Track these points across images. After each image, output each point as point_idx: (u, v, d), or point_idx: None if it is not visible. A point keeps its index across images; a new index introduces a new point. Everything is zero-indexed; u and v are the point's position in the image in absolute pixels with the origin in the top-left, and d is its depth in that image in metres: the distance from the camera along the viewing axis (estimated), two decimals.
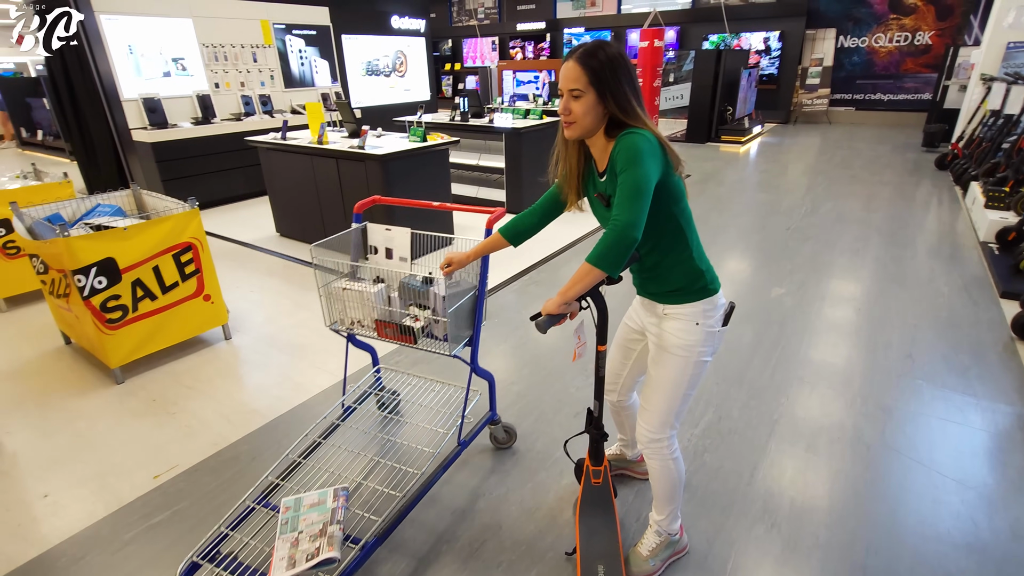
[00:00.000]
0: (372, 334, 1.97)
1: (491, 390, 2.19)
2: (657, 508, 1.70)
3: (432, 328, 1.94)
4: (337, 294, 2.01)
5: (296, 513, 1.62)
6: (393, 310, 1.96)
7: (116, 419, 2.52)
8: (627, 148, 1.29)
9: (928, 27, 10.24)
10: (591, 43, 1.35)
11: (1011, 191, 4.60)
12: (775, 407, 2.50)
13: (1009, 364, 2.80)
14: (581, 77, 1.33)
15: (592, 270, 1.32)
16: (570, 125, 1.38)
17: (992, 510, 1.93)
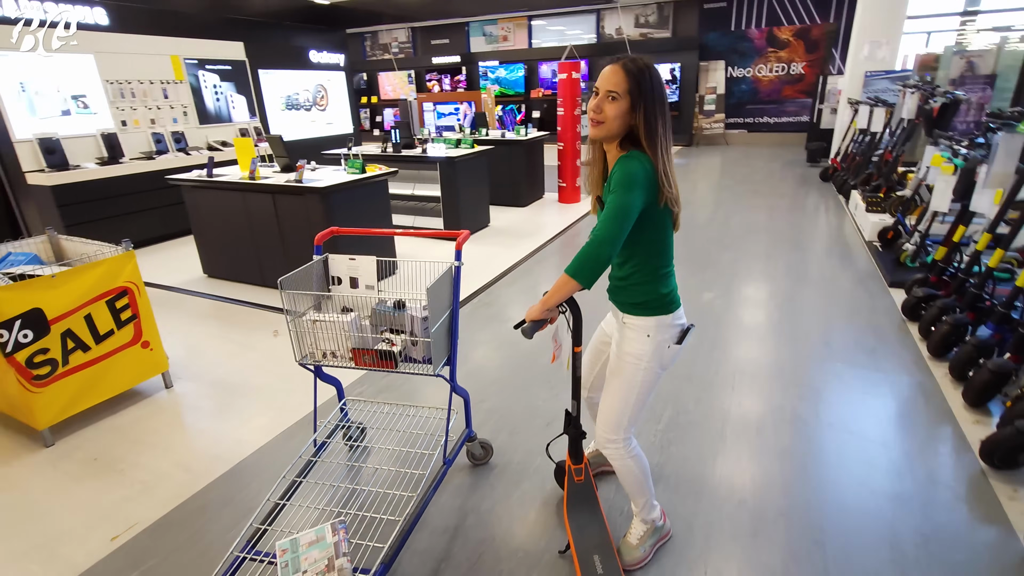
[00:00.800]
0: (348, 364, 1.94)
1: (467, 407, 2.24)
2: (632, 501, 1.83)
3: (409, 351, 1.98)
4: (307, 327, 1.98)
5: (295, 554, 1.58)
6: (368, 336, 1.96)
7: (53, 485, 2.29)
8: (624, 171, 1.40)
9: (800, 59, 11.67)
10: (639, 56, 1.43)
11: (885, 196, 5.35)
12: (725, 399, 2.74)
13: (905, 342, 3.25)
14: (622, 82, 1.39)
15: (569, 281, 1.44)
16: (598, 124, 1.44)
17: (912, 463, 2.24)
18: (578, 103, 6.97)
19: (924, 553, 1.83)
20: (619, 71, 1.40)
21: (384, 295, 2.08)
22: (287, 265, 4.23)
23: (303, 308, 2.01)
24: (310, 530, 1.64)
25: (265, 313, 4.02)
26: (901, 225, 4.68)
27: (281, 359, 3.31)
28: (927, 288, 3.42)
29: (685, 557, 1.84)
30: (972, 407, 2.56)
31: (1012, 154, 2.68)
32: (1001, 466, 2.15)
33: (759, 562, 1.81)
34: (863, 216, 5.41)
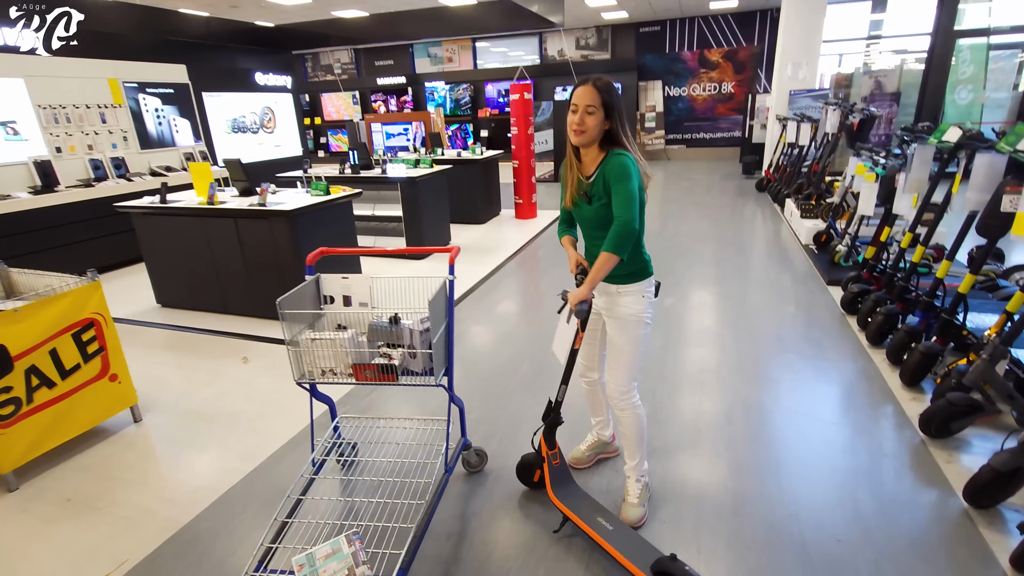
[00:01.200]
0: (348, 380, 1.99)
1: (461, 416, 2.31)
2: (630, 455, 2.06)
3: (408, 364, 2.04)
4: (306, 346, 2.01)
5: (313, 568, 1.59)
6: (366, 351, 2.02)
7: (26, 530, 2.17)
8: (621, 165, 1.76)
9: (730, 79, 12.51)
10: (601, 76, 1.80)
11: (816, 203, 5.84)
12: (695, 394, 2.93)
13: (845, 333, 3.58)
14: (596, 98, 1.75)
15: (612, 258, 1.76)
16: (581, 134, 1.78)
17: (862, 437, 2.50)
18: (530, 122, 7.21)
19: (882, 515, 2.05)
20: (592, 90, 1.76)
21: (378, 311, 2.13)
22: (250, 290, 4.19)
23: (299, 327, 2.03)
24: (324, 544, 1.66)
25: (231, 340, 3.92)
26: (833, 229, 5.14)
27: (254, 386, 3.26)
28: (861, 284, 3.79)
29: (679, 534, 1.97)
30: (908, 386, 2.87)
31: (925, 162, 3.06)
32: (937, 435, 2.43)
33: (743, 535, 1.97)
34: (798, 222, 5.87)
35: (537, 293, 4.76)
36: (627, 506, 2.05)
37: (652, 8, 11.49)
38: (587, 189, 1.87)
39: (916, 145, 3.10)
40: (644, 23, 12.93)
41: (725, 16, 12.29)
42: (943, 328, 2.80)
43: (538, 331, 3.85)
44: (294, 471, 2.44)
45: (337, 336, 1.99)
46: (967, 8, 8.96)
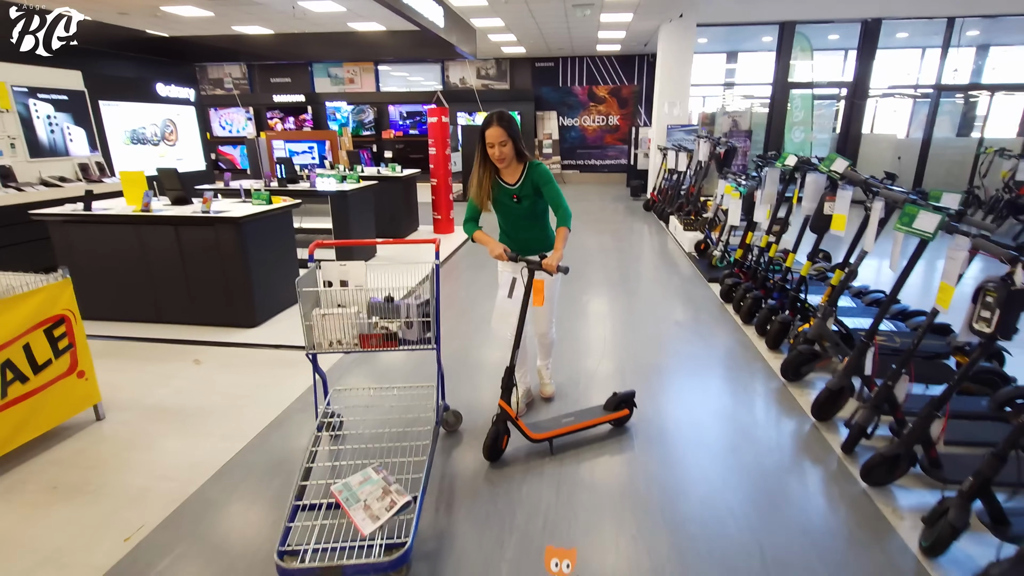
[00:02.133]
0: (354, 348, 2.39)
1: (441, 381, 2.72)
2: (544, 357, 3.01)
3: (404, 334, 2.44)
4: (316, 320, 2.34)
5: (351, 491, 1.94)
6: (365, 322, 2.40)
7: (19, 515, 2.21)
8: (545, 172, 2.56)
9: (615, 112, 14.05)
10: (500, 112, 2.44)
11: (694, 219, 6.98)
12: (611, 360, 3.59)
13: (724, 316, 4.49)
14: (503, 133, 2.44)
15: (567, 231, 2.45)
16: (503, 160, 2.48)
17: (743, 386, 3.30)
18: (447, 144, 7.74)
19: (757, 431, 2.80)
20: (499, 128, 2.43)
21: (373, 293, 2.51)
22: (191, 298, 4.21)
23: (309, 306, 2.35)
24: (356, 475, 2.02)
25: (175, 346, 3.93)
26: (708, 239, 6.22)
27: (214, 383, 3.37)
28: (734, 278, 4.75)
29: (632, 457, 2.56)
30: (771, 349, 3.76)
31: (774, 181, 4.05)
32: (792, 378, 3.29)
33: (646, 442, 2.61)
34: (681, 234, 6.97)
35: (467, 297, 5.23)
36: (544, 385, 3.08)
37: (547, 46, 12.67)
38: (515, 192, 2.56)
39: (767, 168, 4.10)
40: (540, 59, 14.14)
41: (610, 57, 13.85)
42: (792, 304, 3.74)
43: (473, 328, 4.33)
44: (284, 445, 2.69)
45: (345, 311, 2.34)
46: (796, 64, 11.10)
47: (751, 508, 2.25)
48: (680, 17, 9.27)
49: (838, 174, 3.09)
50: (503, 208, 2.65)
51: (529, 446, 2.62)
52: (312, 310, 2.36)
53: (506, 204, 2.62)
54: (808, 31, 10.78)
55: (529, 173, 2.55)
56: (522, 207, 2.60)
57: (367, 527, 1.79)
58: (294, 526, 1.87)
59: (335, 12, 9.22)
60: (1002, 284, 1.85)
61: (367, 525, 1.80)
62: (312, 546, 1.77)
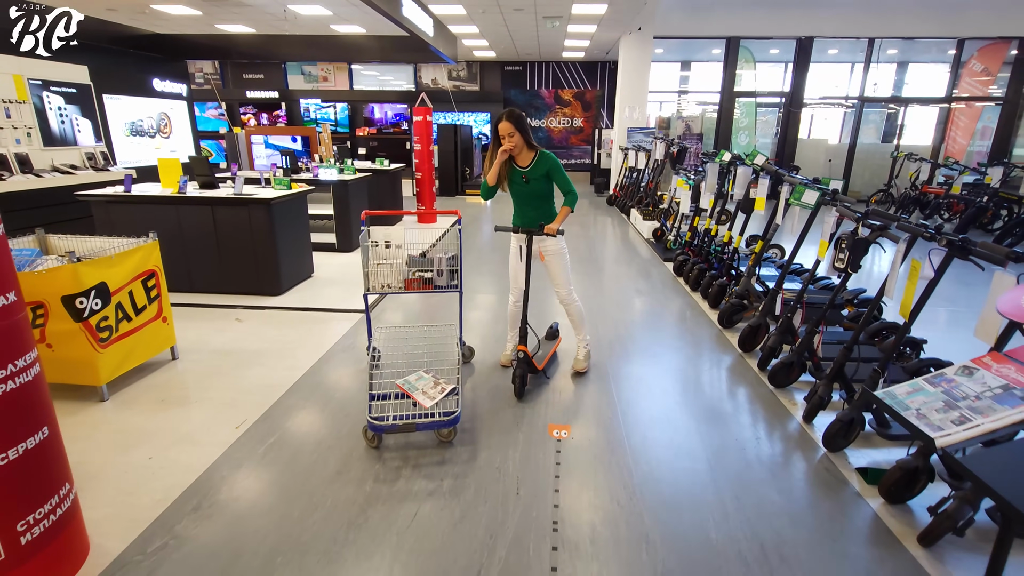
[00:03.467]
0: (399, 290, 3.14)
1: (460, 321, 3.49)
2: (578, 331, 3.48)
3: (436, 281, 3.22)
4: (372, 269, 3.09)
5: (410, 384, 2.71)
6: (408, 270, 3.16)
7: (143, 417, 2.87)
8: (555, 161, 3.17)
9: (579, 115, 15.05)
10: (510, 110, 3.03)
11: (652, 210, 7.97)
12: (595, 323, 4.46)
13: (677, 287, 5.45)
14: (510, 126, 3.01)
15: (568, 211, 3.12)
16: (515, 148, 3.05)
17: (693, 342, 4.22)
18: (432, 141, 8.48)
19: (703, 372, 3.72)
20: (507, 122, 3.01)
21: (410, 250, 3.26)
22: (222, 271, 4.83)
23: (367, 257, 3.10)
24: (412, 375, 2.79)
25: (214, 309, 4.55)
26: (664, 226, 7.20)
27: (261, 334, 4.04)
28: (684, 256, 5.72)
29: (605, 380, 3.41)
30: (713, 308, 4.71)
31: (714, 174, 5.02)
32: (727, 326, 4.24)
33: (626, 385, 3.48)
34: (641, 224, 7.94)
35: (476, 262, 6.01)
36: (577, 361, 3.48)
37: (516, 51, 13.53)
38: (525, 174, 3.14)
39: (709, 163, 5.06)
40: (509, 62, 14.99)
41: (575, 63, 14.84)
42: (727, 271, 4.70)
43: (482, 283, 5.12)
44: (341, 368, 3.42)
45: (394, 261, 3.11)
46: (742, 74, 12.34)
47: (694, 410, 3.15)
48: (639, 30, 10.30)
49: (758, 166, 4.05)
50: (515, 187, 3.20)
51: None
52: (368, 260, 3.11)
53: (517, 184, 3.18)
54: (751, 45, 12.03)
55: (540, 160, 3.12)
56: (530, 187, 3.16)
57: (427, 403, 2.57)
58: (373, 404, 2.62)
59: (320, 15, 9.79)
60: (851, 235, 2.79)
61: (427, 401, 2.58)
62: (391, 414, 2.54)
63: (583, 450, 2.65)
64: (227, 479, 2.38)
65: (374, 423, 2.47)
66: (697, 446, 2.71)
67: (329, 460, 2.51)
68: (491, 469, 2.47)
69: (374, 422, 2.47)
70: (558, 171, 3.16)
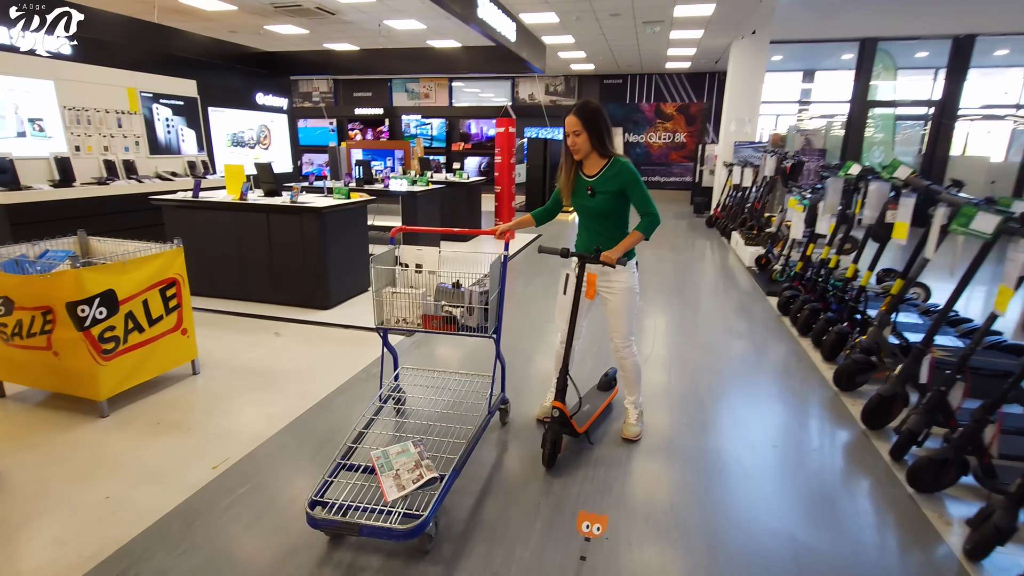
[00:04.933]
0: (417, 328, 2.52)
1: (503, 374, 2.71)
2: (631, 391, 2.72)
3: (465, 320, 2.51)
4: (387, 297, 2.53)
5: (388, 459, 2.09)
6: (432, 305, 2.51)
7: (130, 442, 2.60)
8: (632, 173, 2.42)
9: (682, 130, 13.98)
10: (584, 101, 2.39)
11: (757, 234, 6.87)
12: (667, 364, 3.66)
13: (781, 328, 4.44)
14: (577, 123, 2.36)
15: (641, 238, 2.42)
16: (577, 151, 2.41)
17: (795, 395, 3.28)
18: (513, 154, 8.06)
19: (807, 437, 2.80)
20: (573, 117, 2.38)
21: (443, 278, 2.61)
22: (273, 280, 4.67)
23: (382, 283, 2.56)
24: (396, 445, 2.20)
25: (258, 320, 4.37)
26: (770, 253, 6.12)
27: (293, 353, 3.74)
28: (793, 291, 4.69)
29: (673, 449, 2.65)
30: (827, 360, 3.70)
31: (837, 191, 4.01)
32: (845, 388, 3.24)
33: (706, 458, 2.67)
34: (742, 249, 6.88)
35: (525, 295, 5.43)
36: (627, 426, 2.70)
37: (616, 63, 12.86)
38: (591, 184, 2.45)
39: (831, 178, 4.06)
40: (608, 75, 14.34)
41: (679, 75, 13.84)
42: (850, 315, 3.67)
43: (528, 322, 4.51)
44: (351, 406, 2.98)
45: (413, 291, 2.53)
46: (877, 84, 10.67)
47: (792, 508, 2.28)
48: (753, 34, 9.20)
49: (900, 181, 3.06)
50: (578, 200, 2.53)
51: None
52: (384, 287, 2.58)
53: (581, 196, 2.51)
54: (892, 48, 10.36)
55: (611, 169, 2.42)
56: (596, 202, 2.47)
57: (392, 494, 1.94)
58: (335, 481, 2.06)
59: (416, 30, 9.87)
60: None
61: (392, 492, 1.95)
62: (342, 501, 1.93)
63: (619, 558, 1.93)
64: (168, 542, 1.97)
65: (309, 514, 1.88)
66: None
67: (286, 537, 2.02)
68: (484, 574, 1.84)
69: (310, 513, 1.88)
70: (635, 185, 2.42)
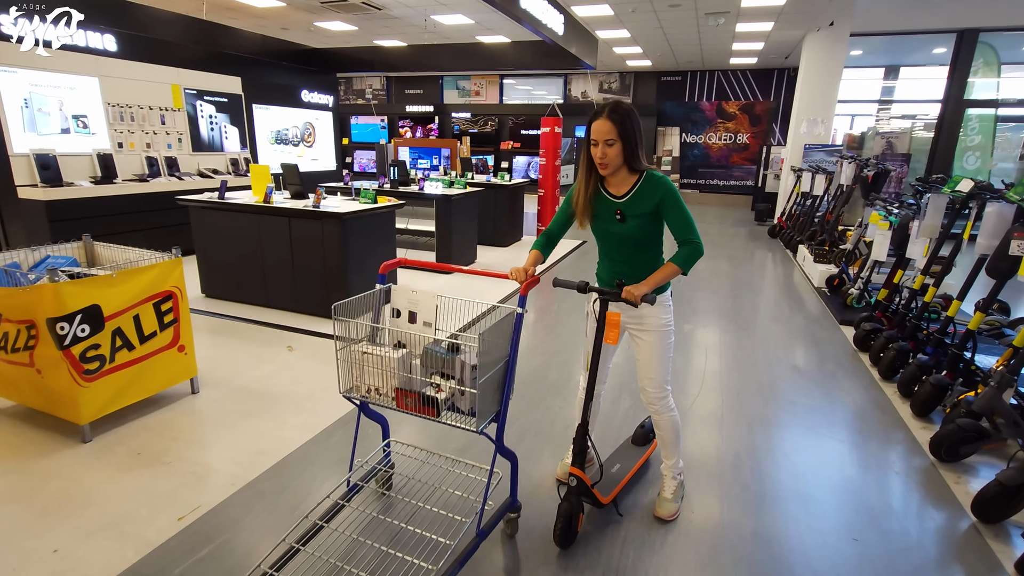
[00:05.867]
0: (391, 404, 1.82)
1: (513, 472, 2.00)
2: (667, 455, 2.19)
3: (456, 400, 1.80)
4: (355, 358, 1.87)
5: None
6: (415, 378, 1.81)
7: (102, 474, 2.36)
8: (671, 190, 1.92)
9: (745, 130, 13.03)
10: (616, 102, 1.86)
11: (829, 249, 6.11)
12: (718, 410, 3.12)
13: (858, 368, 3.78)
14: (612, 130, 1.82)
15: (676, 271, 1.92)
16: (606, 167, 1.88)
17: (874, 466, 2.68)
18: (558, 155, 7.59)
19: (893, 526, 2.22)
20: (607, 122, 1.83)
21: (441, 334, 1.95)
22: (294, 287, 4.43)
23: (358, 336, 1.91)
24: None
25: (274, 331, 4.14)
26: (845, 274, 5.39)
27: (301, 371, 3.46)
28: (874, 323, 4.00)
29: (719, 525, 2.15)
30: (918, 416, 3.05)
31: (939, 210, 3.33)
32: (947, 459, 2.61)
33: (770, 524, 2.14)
34: (811, 266, 6.13)
35: (562, 311, 4.98)
36: (662, 501, 2.18)
37: (675, 59, 12.10)
38: (620, 207, 1.94)
39: (930, 195, 3.38)
40: (666, 72, 13.56)
41: (744, 71, 12.90)
42: (952, 363, 3.01)
43: (562, 344, 4.06)
44: (344, 445, 2.62)
45: (387, 354, 1.81)
46: (976, 82, 9.46)
47: None
48: (831, 26, 8.31)
49: None
50: (600, 226, 2.02)
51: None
52: (357, 343, 1.88)
53: (605, 221, 2.00)
54: (996, 41, 9.15)
55: (644, 187, 1.92)
56: (626, 228, 1.97)
57: None
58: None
59: (464, 25, 9.54)
60: None
61: None
62: None
63: None
64: None
65: None
66: None
67: None
68: None
69: None
70: (675, 206, 1.91)
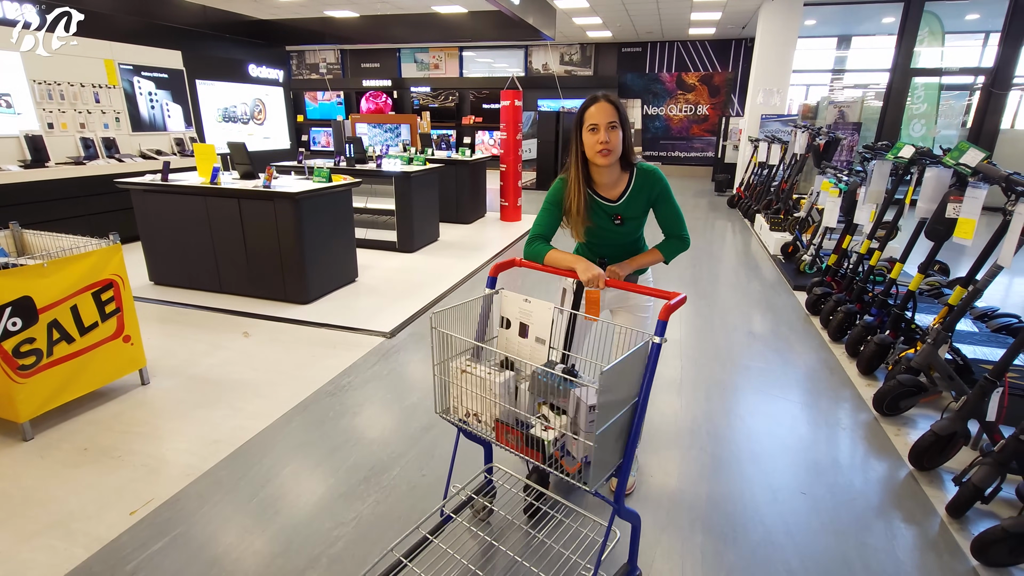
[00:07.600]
0: (490, 435, 1.57)
1: (634, 537, 1.67)
2: None
3: (567, 443, 1.46)
4: (453, 376, 1.61)
5: None
6: (518, 411, 1.53)
7: (47, 473, 2.26)
8: (666, 185, 1.88)
9: (704, 101, 13.14)
10: (606, 92, 1.78)
11: (784, 218, 6.27)
12: (677, 376, 3.20)
13: (809, 331, 3.92)
14: (615, 113, 1.73)
15: (658, 258, 1.91)
16: (609, 153, 1.74)
17: (826, 416, 2.80)
18: (519, 129, 7.49)
19: (839, 477, 2.34)
20: (609, 105, 1.74)
21: (555, 355, 1.70)
22: (249, 271, 4.28)
23: (459, 350, 1.65)
24: None
25: (229, 317, 4.01)
26: (799, 241, 5.55)
27: (258, 356, 3.37)
28: (824, 287, 4.15)
29: (680, 481, 2.22)
30: (864, 374, 3.20)
31: (883, 176, 3.44)
32: (888, 412, 2.75)
33: (721, 487, 2.23)
34: (767, 234, 6.29)
35: (525, 286, 4.98)
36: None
37: (635, 30, 12.03)
38: (618, 211, 1.87)
39: (875, 161, 3.48)
40: (627, 44, 13.49)
41: (703, 42, 12.94)
42: (895, 322, 3.15)
43: None
44: (306, 430, 2.59)
45: (489, 376, 1.52)
46: (922, 51, 9.74)
47: (819, 571, 1.84)
48: None
49: (969, 169, 2.50)
50: (598, 234, 1.93)
51: None
52: (456, 355, 1.63)
53: (601, 228, 1.90)
54: (941, 10, 9.41)
55: (638, 184, 1.85)
56: (624, 231, 1.91)
57: None
58: None
59: None
60: None
61: None
62: None
63: None
64: None
65: None
66: None
67: None
68: None
69: None
70: (668, 200, 1.89)
